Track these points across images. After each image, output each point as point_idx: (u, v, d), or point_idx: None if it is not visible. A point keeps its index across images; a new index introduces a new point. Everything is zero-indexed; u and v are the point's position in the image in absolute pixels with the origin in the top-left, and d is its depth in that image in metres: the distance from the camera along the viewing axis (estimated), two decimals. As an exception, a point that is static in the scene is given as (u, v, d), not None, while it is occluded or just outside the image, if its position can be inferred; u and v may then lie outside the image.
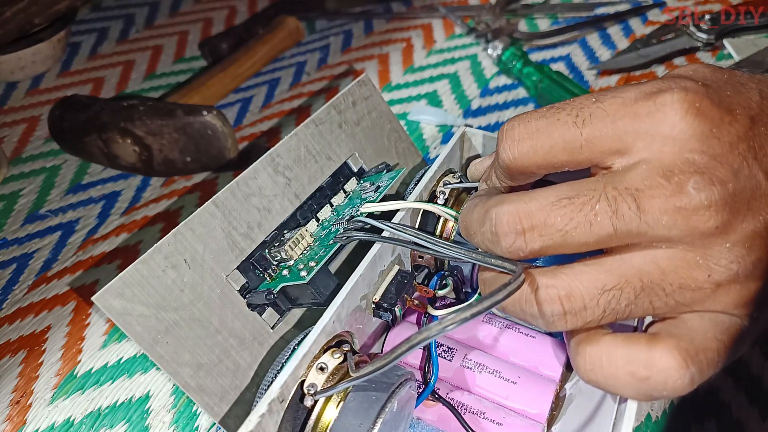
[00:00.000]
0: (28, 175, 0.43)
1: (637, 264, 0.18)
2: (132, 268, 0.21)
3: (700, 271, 0.17)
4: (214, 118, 0.38)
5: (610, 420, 0.20)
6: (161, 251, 0.22)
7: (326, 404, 0.20)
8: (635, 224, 0.17)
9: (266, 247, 0.25)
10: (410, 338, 0.17)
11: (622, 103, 0.18)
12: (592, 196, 0.18)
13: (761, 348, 0.28)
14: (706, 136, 0.17)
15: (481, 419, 0.23)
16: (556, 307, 0.18)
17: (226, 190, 0.24)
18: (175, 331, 0.22)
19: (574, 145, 0.19)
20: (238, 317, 0.24)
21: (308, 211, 0.27)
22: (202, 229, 0.23)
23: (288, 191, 0.26)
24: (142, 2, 0.63)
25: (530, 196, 0.19)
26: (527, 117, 0.20)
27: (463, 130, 0.30)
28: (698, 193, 0.17)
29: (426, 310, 0.25)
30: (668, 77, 0.19)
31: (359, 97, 0.30)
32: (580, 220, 0.18)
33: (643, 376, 0.17)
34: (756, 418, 0.25)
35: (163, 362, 0.21)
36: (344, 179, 0.29)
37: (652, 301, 0.18)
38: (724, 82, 0.19)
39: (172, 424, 0.27)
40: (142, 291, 0.21)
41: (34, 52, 0.51)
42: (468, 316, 0.16)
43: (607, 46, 0.50)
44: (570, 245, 0.18)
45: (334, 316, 0.21)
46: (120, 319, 0.21)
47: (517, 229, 0.19)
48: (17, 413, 0.28)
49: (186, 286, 0.22)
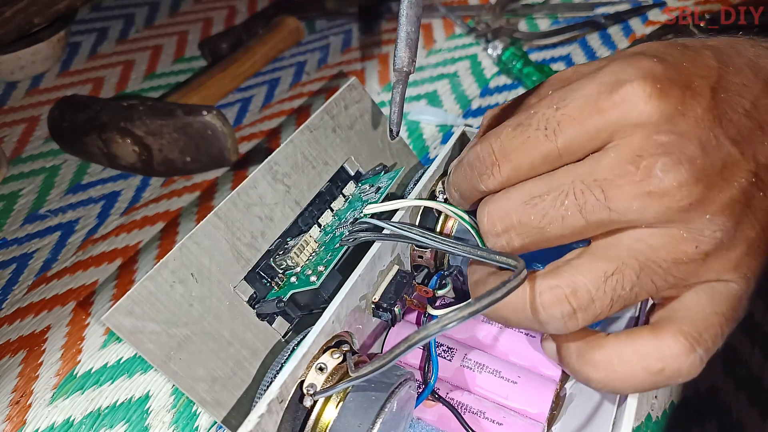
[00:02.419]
0: (28, 175, 0.43)
1: (626, 245, 0.18)
2: (140, 286, 0.21)
3: (687, 244, 0.18)
4: (214, 118, 0.38)
5: (609, 420, 0.20)
6: (167, 266, 0.22)
7: (325, 404, 0.20)
8: (606, 214, 0.18)
9: (271, 255, 0.25)
10: (409, 337, 0.17)
11: (585, 102, 0.18)
12: (561, 191, 0.18)
13: (761, 348, 0.28)
14: (672, 115, 0.17)
15: (481, 419, 0.23)
16: (565, 307, 0.18)
17: (227, 201, 0.24)
18: (187, 347, 0.22)
19: (553, 156, 0.19)
20: (248, 328, 0.24)
21: (309, 217, 0.27)
22: (206, 241, 0.23)
23: (288, 198, 0.26)
24: (142, 2, 0.63)
25: (506, 196, 0.19)
26: (498, 139, 0.20)
27: (462, 129, 0.30)
28: (666, 174, 0.17)
29: (425, 309, 0.25)
30: (622, 59, 0.19)
31: (350, 101, 0.30)
32: (552, 216, 0.18)
33: (658, 369, 0.17)
34: (756, 418, 0.25)
35: (177, 379, 0.21)
36: (342, 183, 0.29)
37: (653, 279, 0.18)
38: (679, 53, 0.19)
39: (172, 424, 0.27)
40: (151, 308, 0.21)
41: (33, 52, 0.51)
42: (467, 315, 0.16)
43: (607, 46, 0.50)
44: (549, 240, 0.19)
45: (333, 316, 0.21)
46: (131, 337, 0.20)
47: (496, 230, 0.19)
48: (17, 413, 0.28)
49: (195, 300, 0.22)
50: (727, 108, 0.18)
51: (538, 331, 0.23)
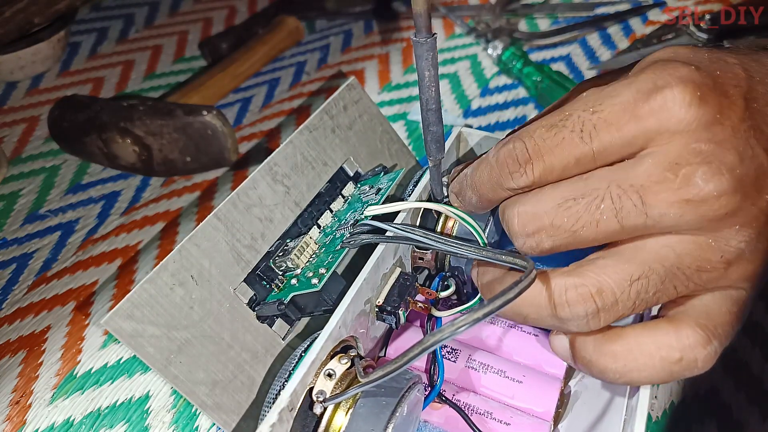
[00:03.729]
0: (28, 175, 0.43)
1: (653, 250, 0.18)
2: (139, 288, 0.21)
3: (713, 253, 0.18)
4: (214, 118, 0.38)
5: (620, 417, 0.20)
6: (167, 269, 0.22)
7: (335, 411, 0.20)
8: (642, 220, 0.18)
9: (271, 257, 0.25)
10: (423, 341, 0.17)
11: (623, 108, 0.18)
12: (596, 195, 0.18)
13: (761, 348, 0.28)
14: (711, 123, 0.17)
15: (488, 420, 0.23)
16: (590, 306, 0.18)
17: (227, 202, 0.24)
18: (187, 350, 0.21)
19: (587, 159, 0.19)
20: (248, 330, 0.24)
21: (309, 218, 0.27)
22: (206, 243, 0.23)
23: (288, 199, 0.26)
24: (142, 2, 0.63)
25: (538, 197, 0.19)
26: (532, 138, 0.19)
27: (459, 130, 0.30)
28: (707, 184, 0.17)
29: (429, 311, 0.25)
30: (656, 66, 0.19)
31: (349, 101, 0.30)
32: (587, 220, 0.18)
33: (676, 358, 0.18)
34: (756, 418, 0.25)
35: (178, 383, 0.21)
36: (341, 184, 0.29)
37: (675, 285, 0.18)
38: (709, 61, 0.19)
39: (171, 424, 0.27)
40: (151, 311, 0.21)
41: (33, 52, 0.51)
42: (480, 316, 0.16)
43: (607, 46, 0.50)
44: (580, 242, 0.19)
45: (340, 321, 0.21)
46: (131, 341, 0.20)
47: (527, 231, 0.19)
48: (17, 413, 0.28)
49: (195, 302, 0.22)
50: (759, 118, 0.18)
51: (551, 329, 0.24)
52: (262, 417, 0.21)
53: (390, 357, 0.27)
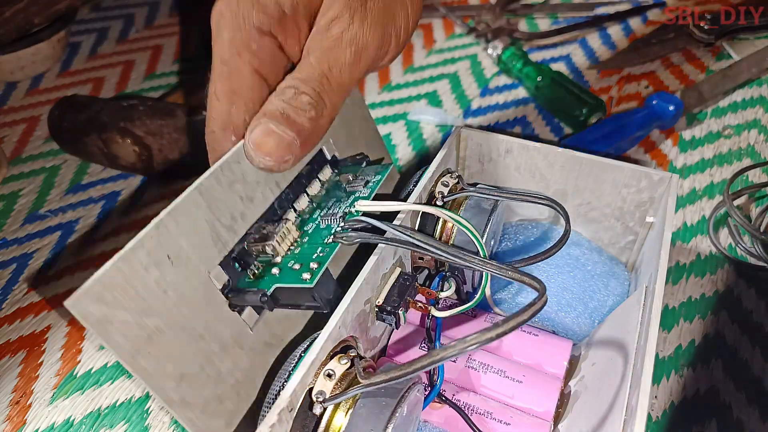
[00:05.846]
0: (28, 175, 0.43)
1: None
2: (112, 267, 0.18)
3: None
4: (214, 118, 0.38)
5: (620, 417, 0.20)
6: (144, 246, 0.19)
7: (335, 411, 0.20)
8: None
9: (246, 240, 0.24)
10: (431, 354, 0.17)
11: None
12: None
13: (761, 348, 0.28)
14: None
15: (488, 420, 0.23)
16: None
17: (210, 176, 0.22)
18: (157, 339, 0.19)
19: None
20: (219, 319, 0.22)
21: (286, 200, 0.26)
22: (185, 219, 0.20)
23: (269, 179, 0.24)
24: (142, 2, 0.63)
25: None
26: None
27: (459, 130, 0.30)
28: None
29: (429, 311, 0.25)
30: None
31: None
32: None
33: None
34: (756, 418, 0.25)
35: (145, 375, 0.19)
36: (318, 167, 0.27)
37: None
38: None
39: (171, 424, 0.27)
40: (123, 294, 0.18)
41: (33, 52, 0.51)
42: (493, 336, 0.16)
43: (607, 46, 0.50)
44: None
45: (339, 321, 0.21)
46: (99, 327, 0.17)
47: None
48: (17, 413, 0.28)
49: (169, 286, 0.20)
50: None
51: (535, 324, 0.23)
52: (261, 417, 0.21)
53: (390, 357, 0.27)
